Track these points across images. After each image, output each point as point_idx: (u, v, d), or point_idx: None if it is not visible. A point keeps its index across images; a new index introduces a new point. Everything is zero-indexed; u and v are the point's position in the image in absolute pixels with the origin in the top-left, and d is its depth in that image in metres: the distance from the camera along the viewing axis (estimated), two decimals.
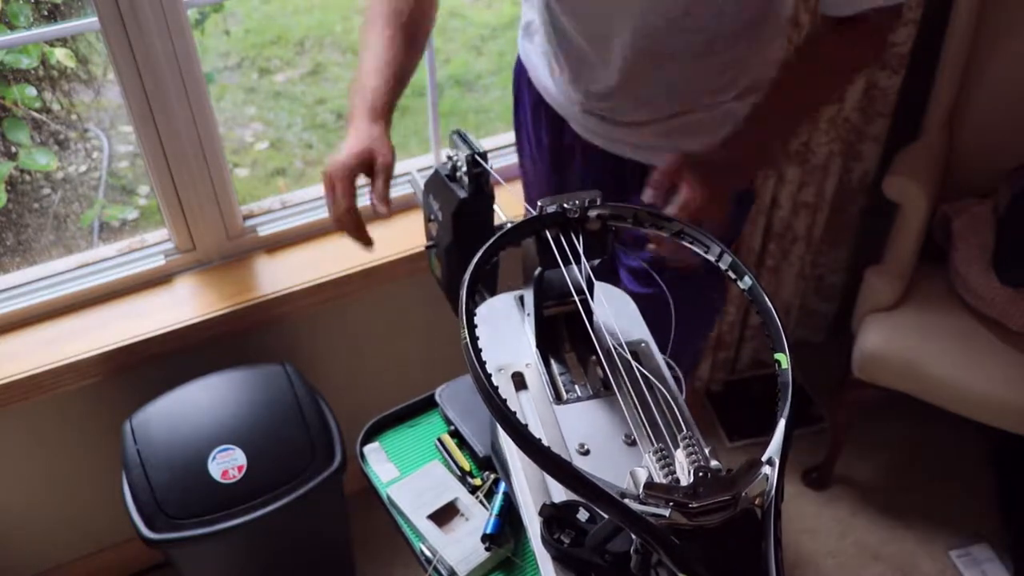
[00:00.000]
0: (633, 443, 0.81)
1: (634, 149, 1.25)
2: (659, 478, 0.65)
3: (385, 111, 1.09)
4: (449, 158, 1.02)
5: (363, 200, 1.06)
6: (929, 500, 2.07)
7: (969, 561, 1.93)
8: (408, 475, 1.07)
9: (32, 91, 1.62)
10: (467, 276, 0.76)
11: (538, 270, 0.85)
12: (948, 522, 2.02)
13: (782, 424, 0.68)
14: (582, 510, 0.76)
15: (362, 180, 1.07)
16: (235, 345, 1.66)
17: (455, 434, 1.10)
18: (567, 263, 0.82)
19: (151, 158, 1.53)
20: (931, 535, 1.99)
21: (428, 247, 1.13)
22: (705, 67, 1.14)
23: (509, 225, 0.83)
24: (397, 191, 1.80)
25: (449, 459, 1.08)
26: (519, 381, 0.87)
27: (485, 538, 0.97)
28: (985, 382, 1.75)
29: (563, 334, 0.91)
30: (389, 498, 1.05)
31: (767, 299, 0.77)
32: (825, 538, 2.00)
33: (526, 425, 0.66)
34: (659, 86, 1.16)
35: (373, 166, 1.06)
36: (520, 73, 1.39)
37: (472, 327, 0.72)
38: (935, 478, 2.12)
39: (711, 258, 0.83)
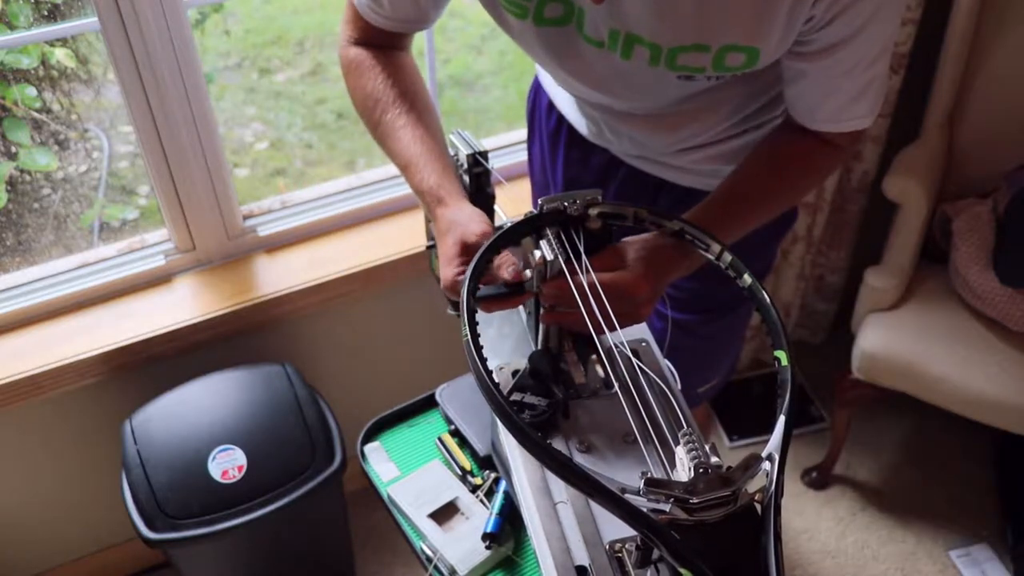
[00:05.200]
0: (633, 440, 0.81)
1: (668, 171, 1.19)
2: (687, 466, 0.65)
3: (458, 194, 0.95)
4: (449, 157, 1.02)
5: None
6: (929, 500, 2.07)
7: (969, 561, 1.93)
8: (409, 474, 1.07)
9: (32, 91, 1.61)
10: (468, 275, 0.76)
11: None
12: (948, 522, 2.02)
13: (782, 420, 0.68)
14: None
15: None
16: (235, 345, 1.67)
17: (455, 433, 1.10)
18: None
19: (151, 158, 1.53)
20: (931, 535, 1.99)
21: (429, 247, 1.13)
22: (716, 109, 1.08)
23: (509, 224, 0.83)
24: (398, 191, 1.80)
25: (450, 458, 1.08)
26: None
27: (486, 537, 0.97)
28: (985, 382, 1.75)
29: (564, 332, 0.91)
30: (389, 497, 1.05)
31: (767, 297, 0.78)
32: (825, 538, 2.00)
33: (527, 423, 0.66)
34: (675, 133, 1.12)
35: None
36: (538, 94, 1.32)
37: (473, 325, 0.72)
38: (935, 478, 2.12)
39: (711, 256, 0.83)
